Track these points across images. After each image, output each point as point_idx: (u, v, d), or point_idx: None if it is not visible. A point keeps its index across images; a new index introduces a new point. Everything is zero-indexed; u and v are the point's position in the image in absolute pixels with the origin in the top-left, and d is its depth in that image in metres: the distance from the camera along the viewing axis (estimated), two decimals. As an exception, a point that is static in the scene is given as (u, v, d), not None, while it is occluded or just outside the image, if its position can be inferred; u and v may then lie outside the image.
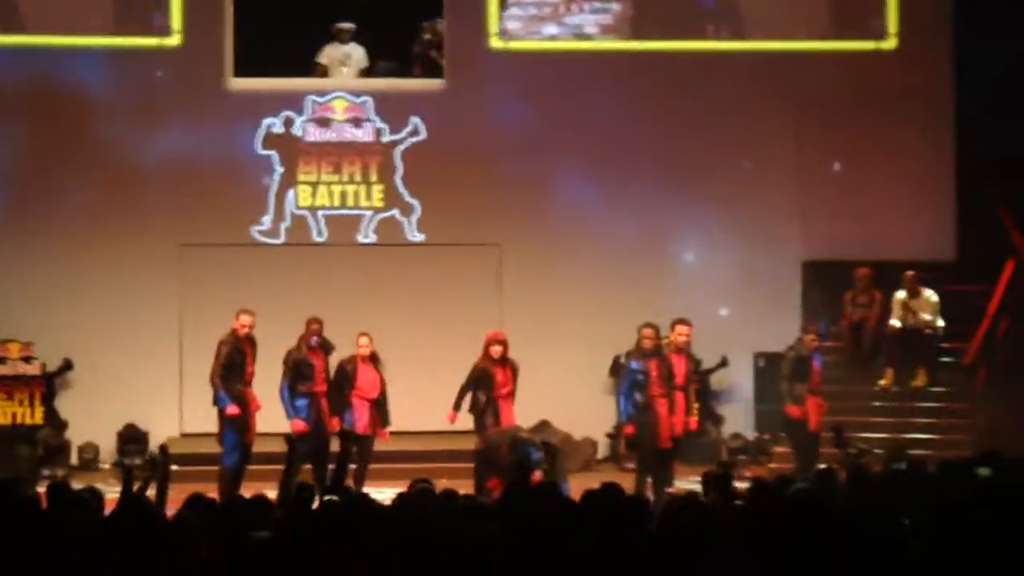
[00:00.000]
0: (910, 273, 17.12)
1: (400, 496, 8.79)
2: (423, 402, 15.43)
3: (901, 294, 17.13)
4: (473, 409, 14.36)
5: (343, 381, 14.48)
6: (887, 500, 8.56)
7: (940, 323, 17.08)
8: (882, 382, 17.14)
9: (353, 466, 13.41)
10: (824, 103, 18.24)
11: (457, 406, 14.46)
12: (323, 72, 18.55)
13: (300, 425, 14.16)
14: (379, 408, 14.58)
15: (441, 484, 9.10)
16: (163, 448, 10.54)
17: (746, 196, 18.23)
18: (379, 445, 14.71)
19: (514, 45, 18.30)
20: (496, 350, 14.35)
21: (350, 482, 12.47)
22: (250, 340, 14.28)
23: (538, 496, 8.88)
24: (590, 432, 17.50)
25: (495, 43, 18.30)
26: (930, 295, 17.10)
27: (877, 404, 17.06)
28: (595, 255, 18.05)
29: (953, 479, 9.47)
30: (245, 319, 14.25)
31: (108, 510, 8.37)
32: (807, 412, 14.79)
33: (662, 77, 18.31)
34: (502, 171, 18.04)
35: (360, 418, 14.46)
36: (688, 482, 13.40)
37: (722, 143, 18.25)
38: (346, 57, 18.52)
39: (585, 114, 18.15)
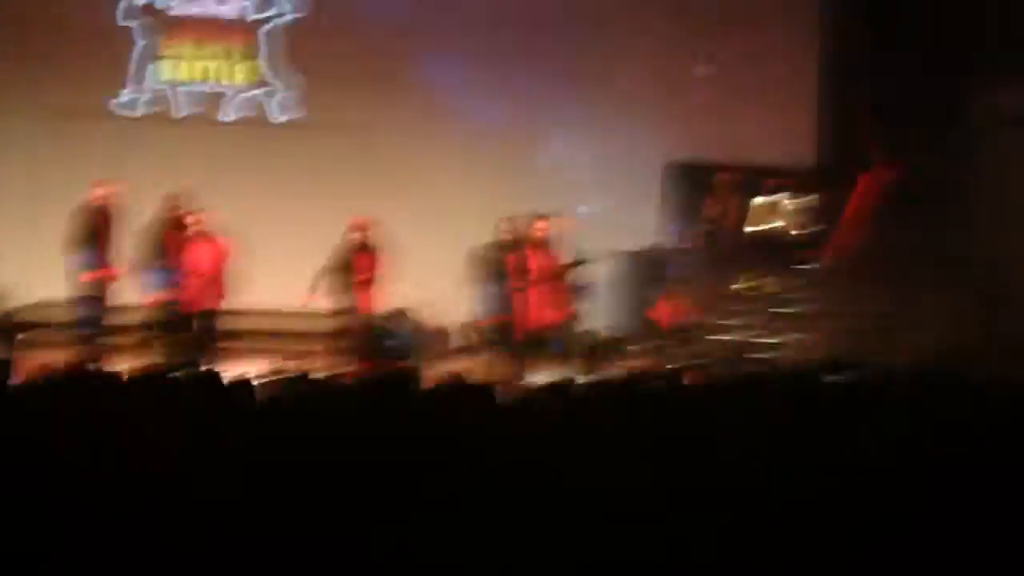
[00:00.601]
0: (770, 180, 17.29)
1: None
2: (283, 282, 15.25)
3: (759, 200, 17.30)
4: (333, 293, 14.33)
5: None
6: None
7: (797, 230, 17.29)
8: (735, 287, 17.33)
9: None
10: (692, 3, 18.27)
11: (314, 289, 14.40)
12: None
13: (156, 297, 14.03)
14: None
15: (296, 366, 9.07)
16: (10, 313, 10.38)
17: (611, 96, 18.23)
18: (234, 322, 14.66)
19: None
20: (356, 236, 14.29)
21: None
22: (105, 211, 14.09)
23: (395, 382, 8.87)
24: (446, 321, 17.50)
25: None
26: (788, 201, 17.29)
27: (731, 309, 17.26)
28: (461, 143, 17.98)
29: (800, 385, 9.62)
30: (100, 191, 14.06)
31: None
32: (662, 313, 14.91)
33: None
34: (372, 51, 17.83)
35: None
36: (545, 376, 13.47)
37: (588, 40, 18.20)
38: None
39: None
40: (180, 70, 17.91)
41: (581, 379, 10.12)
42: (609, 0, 18.21)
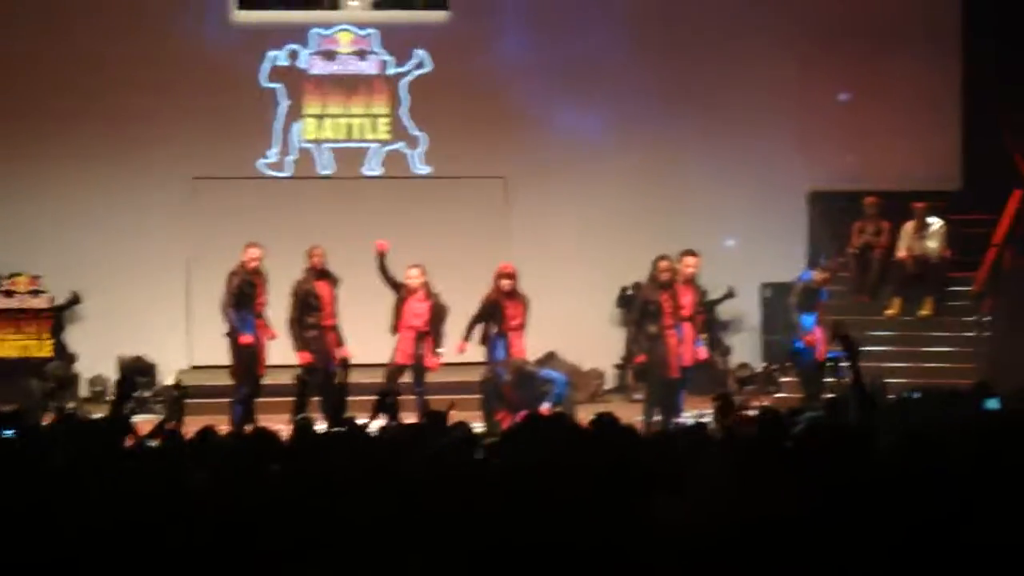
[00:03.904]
0: (919, 204, 17.10)
1: (409, 426, 8.84)
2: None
3: (910, 224, 17.12)
4: (484, 341, 14.40)
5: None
6: (898, 425, 8.57)
7: (947, 253, 17.08)
8: (889, 311, 17.14)
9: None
10: (829, 31, 18.19)
11: (467, 337, 14.48)
12: (330, 4, 18.51)
13: (307, 356, 14.21)
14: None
15: (452, 416, 9.14)
16: (178, 384, 10.60)
17: (751, 126, 18.19)
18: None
19: (518, -25, 18.24)
20: (506, 283, 14.35)
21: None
22: (259, 273, 14.30)
23: (547, 427, 8.90)
24: (597, 363, 17.54)
25: (500, -26, 18.25)
26: (938, 225, 17.08)
27: (883, 334, 17.06)
28: (601, 187, 18.03)
29: (959, 407, 9.49)
30: (254, 252, 14.28)
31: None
32: (815, 342, 14.78)
33: (667, 5, 18.27)
34: (508, 103, 17.97)
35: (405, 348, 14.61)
36: (695, 414, 13.47)
37: (727, 73, 18.19)
38: (353, -12, 18.47)
39: (590, 44, 18.06)
40: (323, 128, 18.20)
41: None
42: (748, 31, 18.14)
